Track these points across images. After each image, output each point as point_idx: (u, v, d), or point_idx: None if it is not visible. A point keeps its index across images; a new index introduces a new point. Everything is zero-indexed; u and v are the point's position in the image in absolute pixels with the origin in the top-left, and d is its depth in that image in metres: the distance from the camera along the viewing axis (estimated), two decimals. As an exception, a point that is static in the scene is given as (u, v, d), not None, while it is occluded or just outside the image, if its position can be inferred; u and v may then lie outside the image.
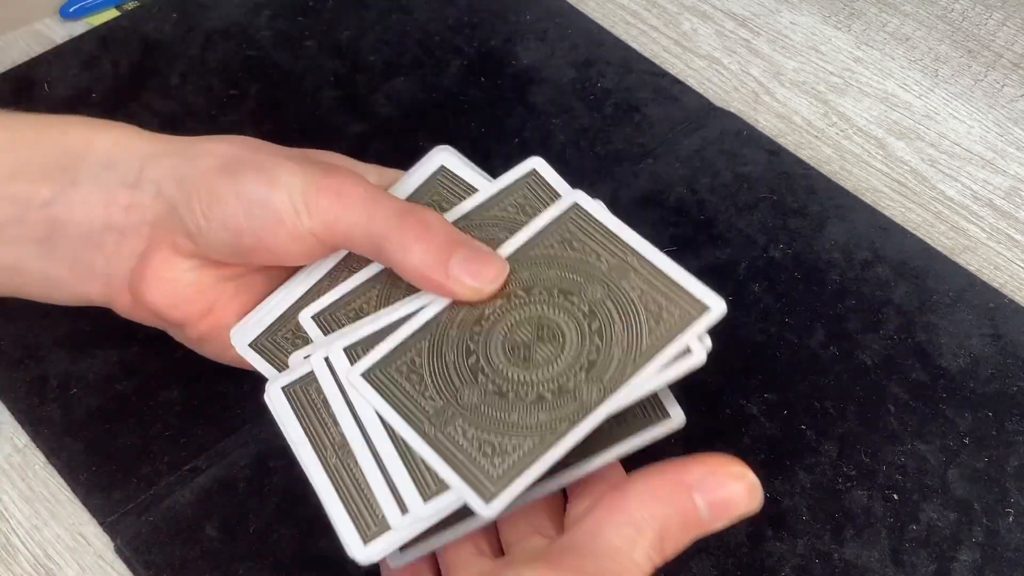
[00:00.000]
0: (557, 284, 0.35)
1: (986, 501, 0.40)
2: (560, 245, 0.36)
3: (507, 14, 0.58)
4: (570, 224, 0.36)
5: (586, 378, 0.33)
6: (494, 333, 0.34)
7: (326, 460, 0.34)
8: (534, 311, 0.35)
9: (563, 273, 0.35)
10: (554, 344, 0.34)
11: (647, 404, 0.35)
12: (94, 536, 0.41)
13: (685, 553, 0.39)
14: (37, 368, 0.44)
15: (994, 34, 0.58)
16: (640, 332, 0.33)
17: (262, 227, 0.35)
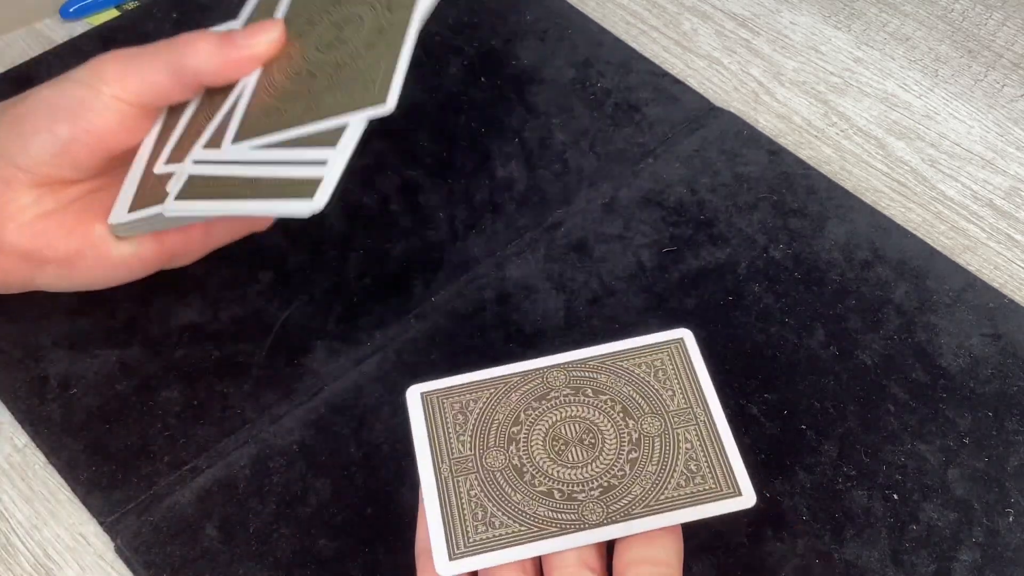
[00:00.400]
0: (623, 401, 0.36)
1: (986, 501, 0.40)
2: (648, 369, 0.37)
3: (507, 14, 0.58)
4: (666, 356, 0.38)
5: (598, 497, 0.34)
6: (546, 417, 0.36)
7: (245, 195, 0.37)
8: (590, 414, 0.36)
9: (634, 395, 0.37)
10: (590, 452, 0.35)
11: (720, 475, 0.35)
12: (94, 536, 0.41)
13: (685, 553, 0.39)
14: (37, 368, 0.44)
15: (994, 34, 0.58)
16: (667, 483, 0.35)
17: (70, 114, 0.38)
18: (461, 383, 0.37)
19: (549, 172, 0.51)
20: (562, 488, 0.35)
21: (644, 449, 0.35)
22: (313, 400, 0.43)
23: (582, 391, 0.37)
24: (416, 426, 0.36)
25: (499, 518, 0.34)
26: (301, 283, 0.47)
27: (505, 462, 0.35)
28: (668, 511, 0.34)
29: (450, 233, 0.49)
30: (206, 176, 0.38)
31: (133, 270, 0.42)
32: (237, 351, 0.45)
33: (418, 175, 0.51)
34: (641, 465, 0.35)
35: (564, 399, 0.37)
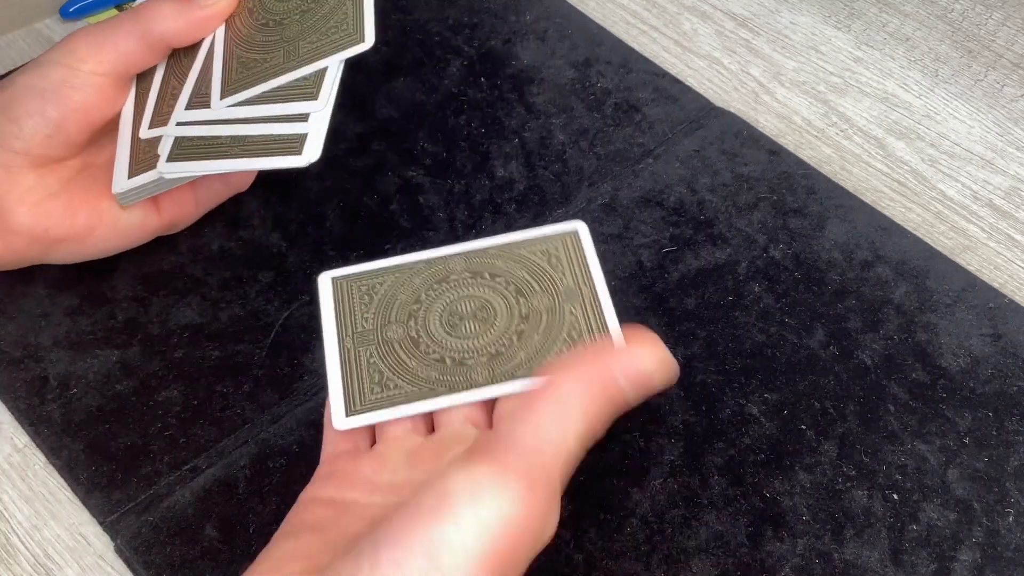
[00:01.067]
0: (517, 282, 0.39)
1: (986, 501, 0.40)
2: (542, 256, 0.40)
3: (507, 14, 0.58)
4: (561, 244, 0.40)
5: (486, 363, 0.37)
6: (445, 296, 0.39)
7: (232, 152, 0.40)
8: (486, 293, 0.39)
9: (527, 277, 0.39)
10: (483, 326, 0.38)
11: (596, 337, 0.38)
12: (94, 536, 0.41)
13: (685, 553, 0.39)
14: (37, 368, 0.44)
15: (994, 34, 0.58)
16: (550, 349, 0.37)
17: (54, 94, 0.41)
18: (369, 268, 0.40)
19: (549, 172, 0.51)
20: (454, 356, 0.37)
21: (532, 322, 0.38)
22: (313, 400, 0.43)
23: (480, 275, 0.40)
24: (324, 305, 0.39)
25: (393, 380, 0.37)
26: (301, 283, 0.47)
27: (403, 334, 0.38)
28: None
29: (450, 233, 0.49)
30: (193, 137, 0.41)
31: (139, 238, 0.45)
32: (237, 351, 0.45)
33: (418, 175, 0.51)
34: (528, 335, 0.38)
35: (463, 281, 0.40)
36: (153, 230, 0.46)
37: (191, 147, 0.41)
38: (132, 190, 0.43)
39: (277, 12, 0.41)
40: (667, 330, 0.45)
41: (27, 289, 0.47)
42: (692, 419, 0.43)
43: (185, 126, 0.42)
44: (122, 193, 0.43)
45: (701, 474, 0.41)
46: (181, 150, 0.41)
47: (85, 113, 0.42)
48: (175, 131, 0.41)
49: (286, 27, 0.41)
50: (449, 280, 0.40)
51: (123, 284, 0.47)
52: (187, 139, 0.41)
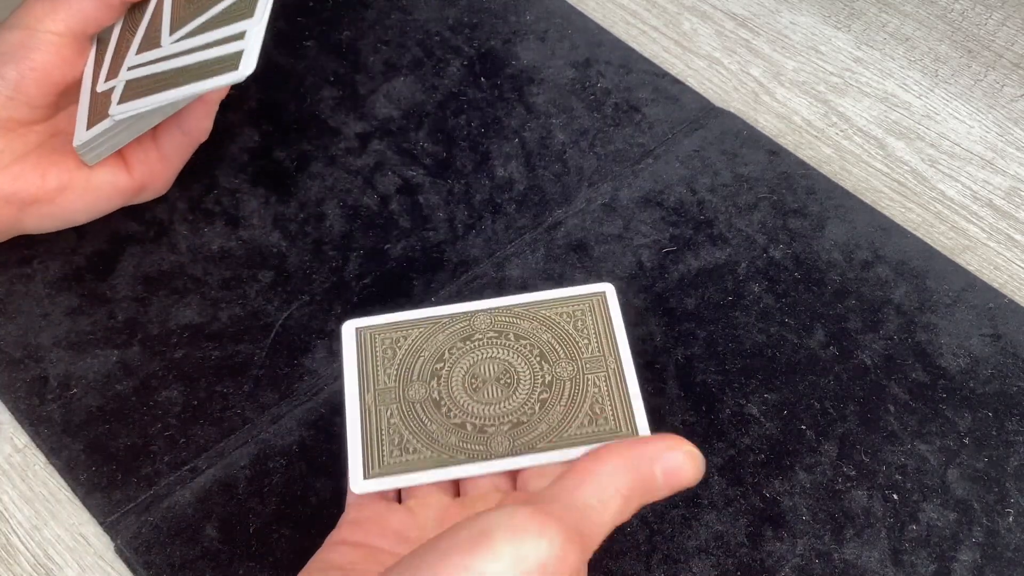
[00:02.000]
0: (541, 346, 0.39)
1: (986, 501, 0.40)
2: (568, 319, 0.39)
3: (507, 14, 0.58)
4: (587, 307, 0.40)
5: (507, 432, 0.37)
6: (469, 356, 0.39)
7: (177, 81, 0.41)
8: (510, 356, 0.39)
9: (552, 341, 0.39)
10: (505, 391, 0.38)
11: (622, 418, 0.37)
12: (94, 536, 0.41)
13: (685, 553, 0.39)
14: (37, 368, 0.44)
15: (994, 34, 0.58)
16: (572, 422, 0.37)
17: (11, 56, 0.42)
18: (394, 321, 0.40)
19: (549, 172, 0.51)
20: (475, 422, 0.37)
21: (555, 391, 0.38)
22: (313, 400, 0.43)
23: (504, 335, 0.39)
24: (347, 357, 0.39)
25: (413, 444, 0.37)
26: (301, 283, 0.47)
27: (425, 395, 0.38)
28: (568, 447, 0.36)
29: (450, 233, 0.49)
30: (141, 77, 0.42)
31: (112, 199, 0.46)
32: (237, 351, 0.45)
33: (418, 175, 0.51)
34: (550, 405, 0.37)
35: (487, 341, 0.39)
36: (126, 190, 0.46)
37: (139, 86, 0.42)
38: (91, 141, 0.43)
39: None
40: (667, 330, 0.45)
41: (27, 289, 0.47)
42: (692, 419, 0.43)
43: (135, 68, 0.42)
44: (82, 145, 0.43)
45: (701, 474, 0.41)
46: (130, 91, 0.42)
47: (45, 73, 0.43)
48: (126, 75, 0.42)
49: None
50: (473, 339, 0.39)
51: (123, 284, 0.47)
52: (135, 80, 0.42)
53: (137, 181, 0.46)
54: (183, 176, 0.50)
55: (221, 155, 0.52)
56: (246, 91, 0.54)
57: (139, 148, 0.46)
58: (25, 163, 0.43)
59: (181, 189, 0.50)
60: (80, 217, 0.46)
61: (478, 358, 0.39)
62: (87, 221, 0.46)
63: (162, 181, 0.47)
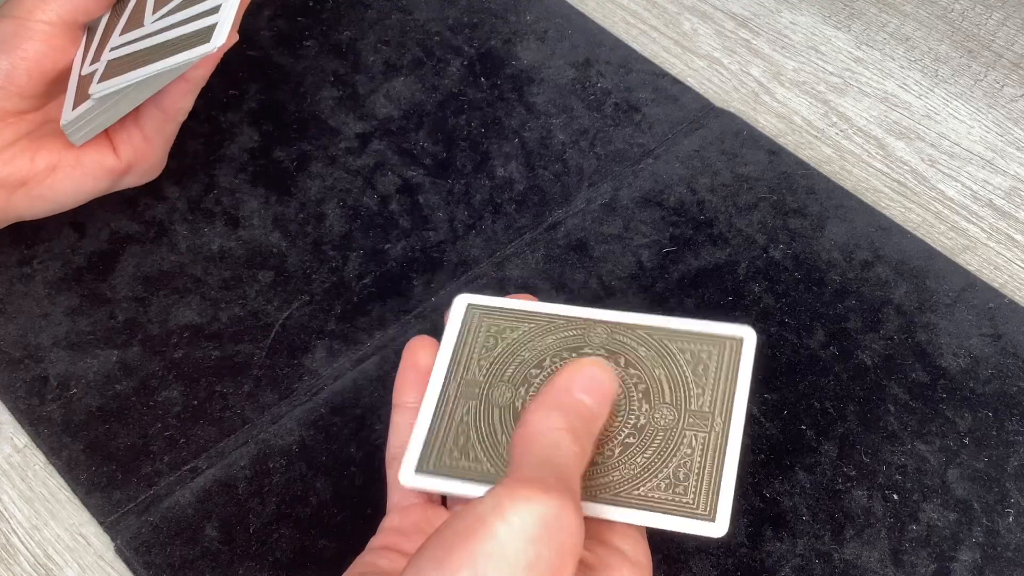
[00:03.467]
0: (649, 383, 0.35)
1: (986, 501, 0.40)
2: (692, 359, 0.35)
3: (507, 14, 0.58)
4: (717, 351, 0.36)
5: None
6: None
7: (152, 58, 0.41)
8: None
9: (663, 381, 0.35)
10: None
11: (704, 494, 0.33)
12: (94, 536, 0.41)
13: (685, 553, 0.39)
14: (37, 368, 0.44)
15: (994, 34, 0.58)
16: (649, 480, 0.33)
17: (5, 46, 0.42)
18: (507, 307, 0.37)
19: (549, 172, 0.51)
20: None
21: (644, 438, 0.33)
22: (313, 400, 0.43)
23: (615, 357, 0.35)
24: (448, 334, 0.36)
25: (476, 452, 0.34)
26: (301, 283, 0.47)
27: (509, 401, 0.35)
28: (633, 508, 0.32)
29: (450, 233, 0.49)
30: (121, 56, 0.42)
31: (100, 179, 0.45)
32: (237, 351, 0.45)
33: (418, 175, 0.51)
34: (633, 454, 0.33)
35: (591, 356, 0.35)
36: (113, 169, 0.45)
37: (118, 65, 0.42)
38: (76, 120, 0.43)
39: None
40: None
41: (27, 289, 0.47)
42: (692, 419, 0.43)
43: (117, 48, 0.43)
44: (68, 124, 0.43)
45: (701, 474, 0.41)
46: (110, 70, 0.42)
47: (36, 63, 0.43)
48: (108, 56, 0.43)
49: None
50: (582, 352, 0.35)
51: (123, 284, 0.47)
52: (116, 59, 0.42)
53: (124, 161, 0.46)
54: (183, 176, 0.50)
55: (221, 155, 0.52)
56: (246, 91, 0.54)
57: (123, 129, 0.46)
58: (15, 148, 0.43)
59: (181, 189, 0.50)
60: (70, 199, 0.46)
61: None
62: (77, 204, 0.46)
63: (148, 162, 0.47)
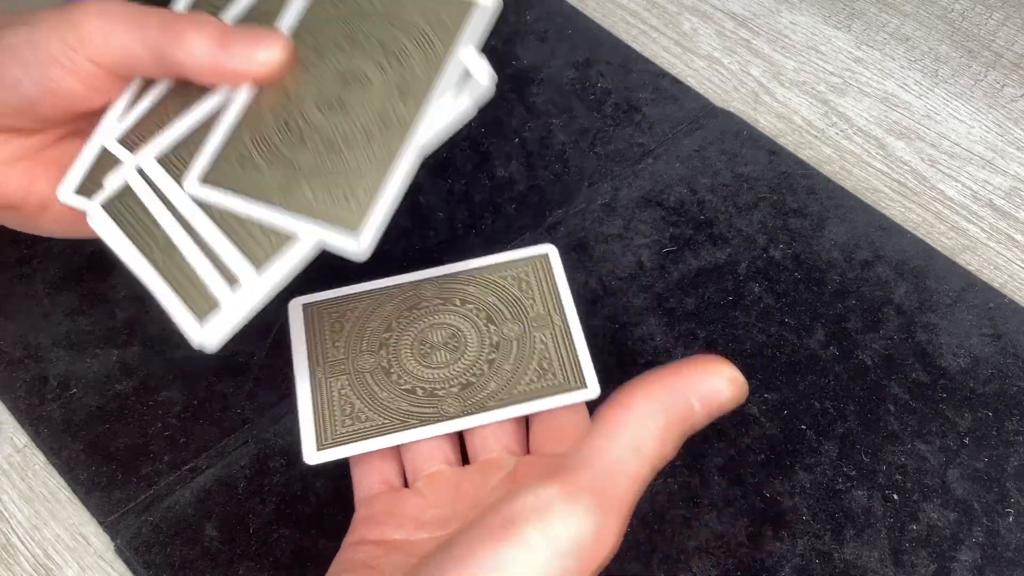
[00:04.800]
0: (487, 309, 0.39)
1: (986, 501, 0.40)
2: (512, 280, 0.40)
3: (507, 14, 0.58)
4: (531, 269, 0.40)
5: (457, 393, 0.37)
6: (416, 324, 0.39)
7: (155, 261, 0.35)
8: (457, 320, 0.39)
9: (498, 304, 0.39)
10: (453, 355, 0.38)
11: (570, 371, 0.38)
12: (94, 536, 0.41)
13: (685, 553, 0.39)
14: (37, 368, 0.44)
15: (994, 34, 0.58)
16: (520, 379, 0.38)
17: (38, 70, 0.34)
18: (339, 295, 0.40)
19: (549, 172, 0.51)
20: (424, 386, 0.38)
21: (503, 351, 0.38)
22: (313, 400, 0.43)
23: (451, 301, 0.40)
24: (295, 333, 0.39)
25: (365, 412, 0.37)
26: (301, 283, 0.47)
27: (375, 364, 0.38)
28: (518, 403, 0.37)
29: (450, 233, 0.49)
30: (136, 204, 0.35)
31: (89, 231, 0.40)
32: (237, 351, 0.45)
33: (418, 175, 0.51)
34: (498, 364, 0.38)
35: (434, 308, 0.40)
36: None
37: (124, 214, 0.35)
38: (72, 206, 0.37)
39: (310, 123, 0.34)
40: (667, 330, 0.45)
41: (27, 289, 0.47)
42: (692, 419, 0.43)
43: (142, 179, 0.36)
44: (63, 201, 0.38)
45: (701, 474, 0.41)
46: (115, 209, 0.36)
47: (66, 99, 0.36)
48: (130, 173, 0.36)
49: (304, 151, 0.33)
50: (420, 307, 0.40)
51: (123, 284, 0.47)
52: (130, 201, 0.35)
53: None
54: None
55: (221, 155, 0.52)
56: (246, 91, 0.54)
57: None
58: (14, 168, 0.37)
59: (181, 189, 0.50)
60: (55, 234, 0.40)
61: (425, 325, 0.39)
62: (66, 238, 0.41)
63: None
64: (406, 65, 0.34)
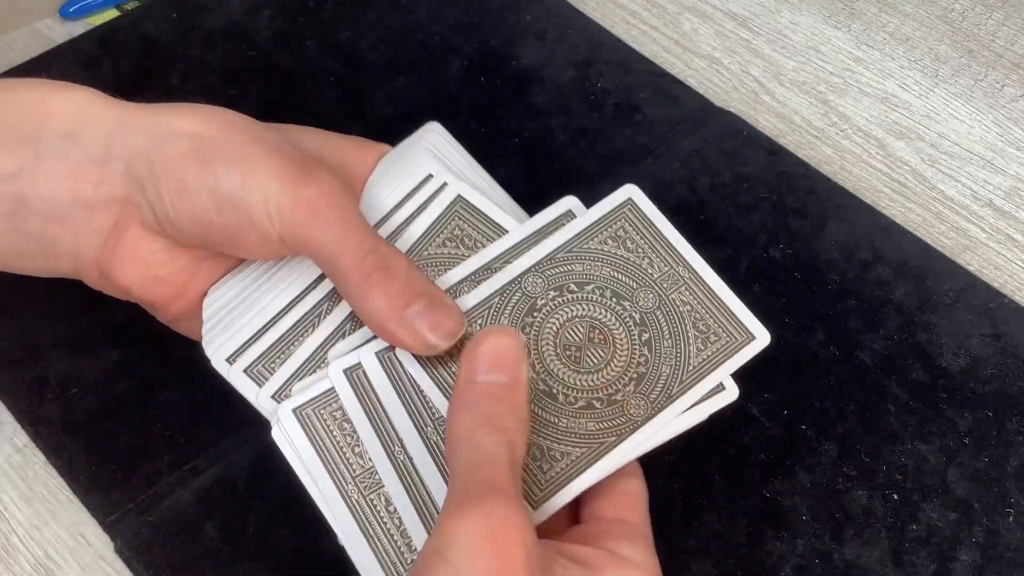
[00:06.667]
0: (610, 285, 0.34)
1: (986, 501, 0.40)
2: (614, 242, 0.35)
3: (507, 14, 0.58)
4: (625, 222, 0.35)
5: (634, 391, 0.33)
6: (547, 327, 0.34)
7: (347, 494, 0.33)
8: (586, 310, 0.34)
9: (616, 274, 0.34)
10: (604, 349, 0.33)
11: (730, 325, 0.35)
12: (94, 536, 0.41)
13: (685, 553, 0.39)
14: (37, 368, 0.44)
15: (994, 34, 0.58)
16: (688, 352, 0.33)
17: (233, 227, 0.34)
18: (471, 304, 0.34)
19: (549, 172, 0.51)
20: (599, 395, 0.33)
21: (652, 326, 0.34)
22: (313, 400, 0.43)
23: (566, 289, 0.34)
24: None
25: (557, 449, 0.32)
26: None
27: (533, 391, 0.33)
28: (704, 378, 0.33)
29: (450, 233, 0.49)
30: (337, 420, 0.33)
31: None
32: (237, 351, 0.45)
33: (418, 175, 0.51)
34: (656, 343, 0.33)
35: (552, 304, 0.34)
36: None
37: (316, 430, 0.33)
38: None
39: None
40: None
41: (27, 289, 0.47)
42: (692, 419, 0.43)
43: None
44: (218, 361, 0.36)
45: (701, 474, 0.41)
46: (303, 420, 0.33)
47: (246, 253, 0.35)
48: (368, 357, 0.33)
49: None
50: (538, 307, 0.34)
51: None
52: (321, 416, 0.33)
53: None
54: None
55: (221, 155, 0.52)
56: (246, 91, 0.54)
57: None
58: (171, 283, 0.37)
59: (181, 189, 0.50)
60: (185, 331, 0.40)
61: (557, 326, 0.34)
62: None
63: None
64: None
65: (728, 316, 0.34)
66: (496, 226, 0.36)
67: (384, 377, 0.33)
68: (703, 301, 0.34)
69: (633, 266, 0.35)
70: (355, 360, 0.33)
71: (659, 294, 0.34)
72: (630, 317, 0.34)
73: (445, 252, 0.35)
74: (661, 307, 0.34)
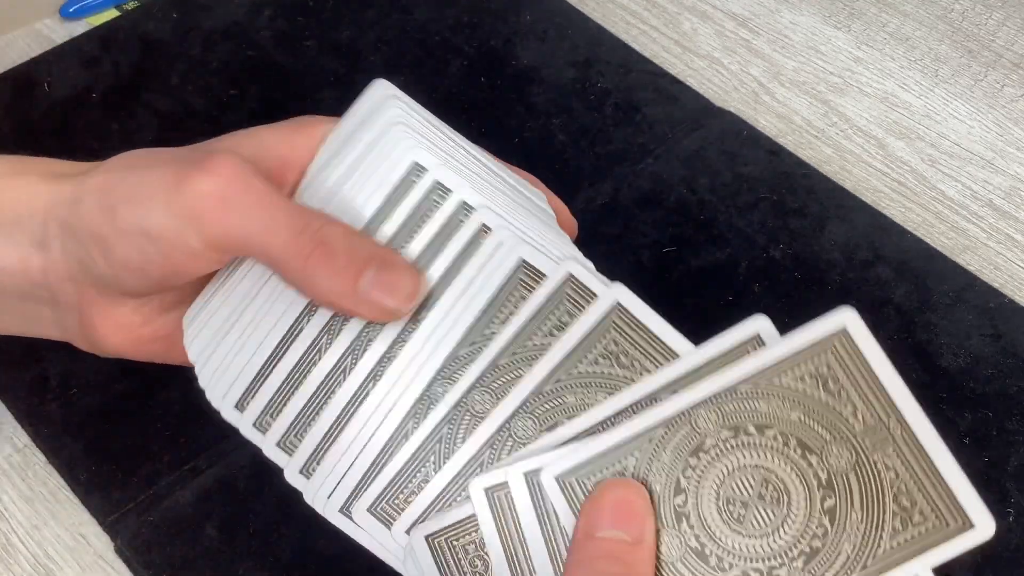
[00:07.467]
0: (797, 433, 0.28)
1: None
2: (812, 380, 0.29)
3: (507, 14, 0.58)
4: (832, 355, 0.29)
5: (802, 569, 0.27)
6: (712, 472, 0.29)
7: None
8: (762, 459, 0.28)
9: (807, 420, 0.28)
10: (776, 511, 0.28)
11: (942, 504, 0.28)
12: (94, 536, 0.41)
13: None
14: (37, 368, 0.44)
15: (994, 34, 0.58)
16: (880, 531, 0.28)
17: (161, 258, 0.31)
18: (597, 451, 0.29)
19: (549, 172, 0.51)
20: (758, 566, 0.28)
21: (840, 491, 0.28)
22: (313, 400, 0.43)
23: (742, 430, 0.29)
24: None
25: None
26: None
27: (682, 546, 0.28)
28: (895, 568, 0.27)
29: (450, 233, 0.49)
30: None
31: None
32: (237, 351, 0.45)
33: (418, 175, 0.51)
34: (842, 514, 0.27)
35: (724, 446, 0.28)
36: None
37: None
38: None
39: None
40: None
41: (27, 289, 0.47)
42: (692, 419, 0.43)
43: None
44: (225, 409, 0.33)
45: None
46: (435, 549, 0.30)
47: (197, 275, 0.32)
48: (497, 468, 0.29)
49: None
50: (706, 448, 0.28)
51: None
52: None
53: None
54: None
55: (221, 155, 0.52)
56: (246, 91, 0.54)
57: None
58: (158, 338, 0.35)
59: (181, 189, 0.50)
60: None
61: (724, 473, 0.28)
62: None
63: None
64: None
65: (943, 492, 0.27)
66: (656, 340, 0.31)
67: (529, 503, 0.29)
68: (913, 469, 0.27)
69: (831, 413, 0.28)
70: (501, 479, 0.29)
71: (857, 452, 0.28)
72: (815, 476, 0.28)
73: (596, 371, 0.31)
74: (857, 469, 0.28)
